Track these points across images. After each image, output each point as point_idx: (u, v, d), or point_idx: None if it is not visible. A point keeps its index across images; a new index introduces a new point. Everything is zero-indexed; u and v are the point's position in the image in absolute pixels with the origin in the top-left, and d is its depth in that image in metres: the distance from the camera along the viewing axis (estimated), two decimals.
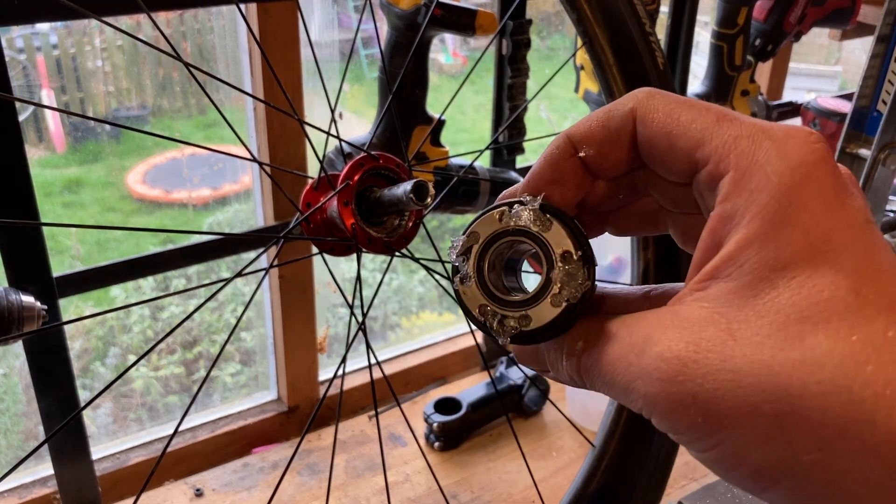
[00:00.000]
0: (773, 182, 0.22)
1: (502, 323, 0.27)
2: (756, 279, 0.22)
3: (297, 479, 1.04)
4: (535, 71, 1.06)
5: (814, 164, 0.22)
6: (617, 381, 0.25)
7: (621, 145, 0.27)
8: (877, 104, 0.91)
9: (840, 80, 2.87)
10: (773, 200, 0.22)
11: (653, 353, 0.23)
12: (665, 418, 0.23)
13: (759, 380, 0.21)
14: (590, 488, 0.59)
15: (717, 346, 0.22)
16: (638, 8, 0.61)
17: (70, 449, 0.92)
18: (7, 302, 0.72)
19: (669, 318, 0.24)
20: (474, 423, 1.12)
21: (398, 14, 0.85)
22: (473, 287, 0.28)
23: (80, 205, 2.07)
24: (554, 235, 0.26)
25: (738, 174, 0.23)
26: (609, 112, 0.27)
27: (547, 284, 0.26)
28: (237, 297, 1.70)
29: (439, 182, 0.92)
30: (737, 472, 0.23)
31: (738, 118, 0.24)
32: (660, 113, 0.25)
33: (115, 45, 1.81)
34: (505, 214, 0.27)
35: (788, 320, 0.21)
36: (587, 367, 0.26)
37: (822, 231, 0.22)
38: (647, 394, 0.23)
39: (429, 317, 1.86)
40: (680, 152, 0.25)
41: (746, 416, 0.21)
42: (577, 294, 0.26)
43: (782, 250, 0.22)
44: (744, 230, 0.23)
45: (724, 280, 0.23)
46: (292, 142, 1.03)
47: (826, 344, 0.21)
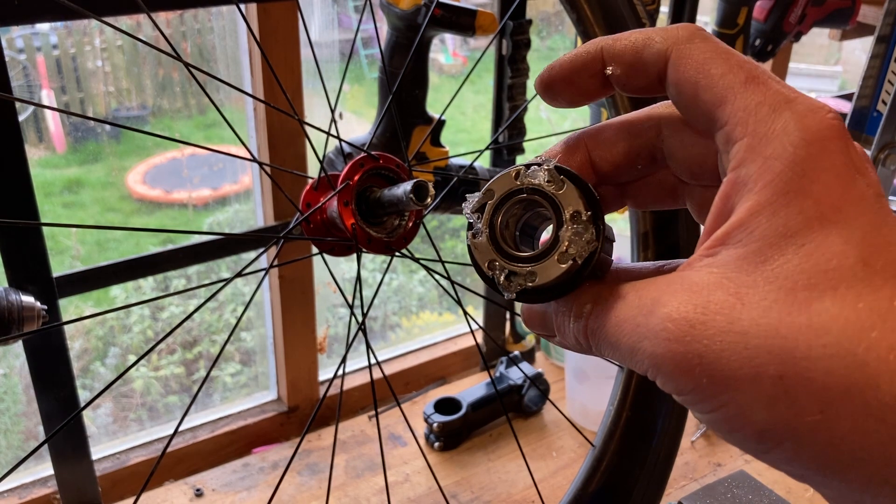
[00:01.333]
0: (788, 151, 0.23)
1: (510, 278, 0.27)
2: (765, 246, 0.23)
3: (297, 479, 1.04)
4: (535, 71, 1.06)
5: (830, 138, 0.23)
6: (623, 342, 0.25)
7: (647, 77, 0.27)
8: (877, 104, 0.91)
9: (840, 80, 2.87)
10: (787, 169, 0.22)
11: (661, 313, 0.24)
12: (671, 378, 0.23)
13: (765, 342, 0.22)
14: (590, 488, 0.60)
15: (724, 309, 0.22)
16: (638, 8, 0.61)
17: (70, 449, 0.92)
18: (7, 302, 0.72)
19: (678, 282, 0.24)
20: (474, 423, 1.12)
21: (398, 14, 0.85)
22: (484, 241, 0.28)
23: (80, 205, 2.07)
24: (566, 195, 0.27)
25: (753, 140, 0.23)
26: (647, 41, 0.27)
27: (555, 242, 0.27)
28: (237, 297, 1.70)
29: (439, 182, 0.92)
30: (740, 433, 0.23)
31: (765, 83, 0.24)
32: (692, 60, 0.25)
33: (115, 45, 1.81)
34: (521, 173, 0.28)
35: (796, 286, 0.22)
36: (594, 328, 0.26)
37: (833, 202, 0.22)
38: (653, 353, 0.24)
39: (429, 317, 1.86)
40: (703, 105, 0.25)
41: (752, 377, 0.22)
42: (584, 252, 0.26)
43: (793, 218, 0.22)
44: (755, 197, 0.23)
45: (734, 246, 0.23)
46: (292, 142, 1.03)
47: (833, 310, 0.21)
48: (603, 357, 0.27)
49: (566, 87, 0.29)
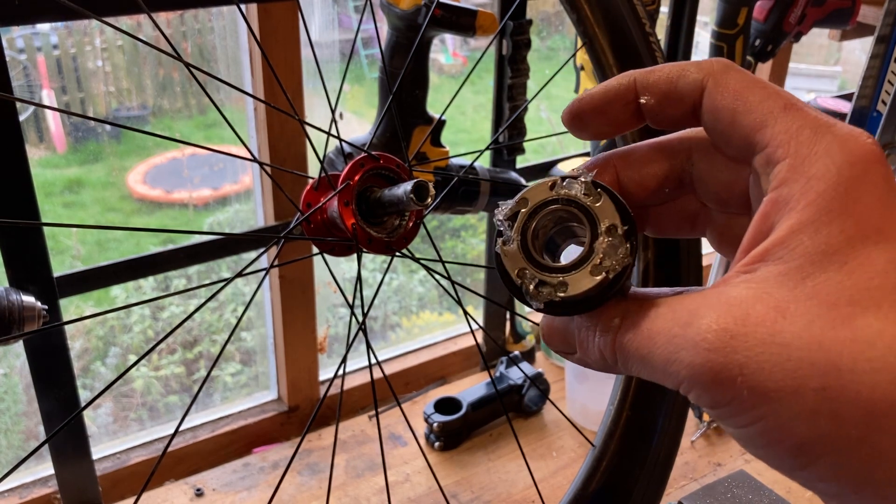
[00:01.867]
0: (831, 172, 0.23)
1: (539, 288, 0.27)
2: (806, 263, 0.23)
3: (298, 478, 1.05)
4: (535, 71, 1.06)
5: (872, 161, 0.23)
6: (657, 354, 0.25)
7: (682, 106, 0.28)
8: (877, 104, 0.91)
9: (840, 80, 2.87)
10: (830, 189, 0.23)
11: (699, 325, 0.23)
12: (709, 390, 0.23)
13: (808, 354, 0.22)
14: (590, 488, 0.60)
15: (766, 322, 0.22)
16: (638, 8, 0.61)
17: (70, 449, 0.92)
18: (8, 302, 0.72)
19: (716, 296, 0.24)
20: (474, 423, 1.12)
21: (398, 14, 0.85)
22: (515, 249, 0.28)
23: (80, 205, 2.07)
24: (602, 208, 0.27)
25: (796, 161, 0.24)
26: (682, 72, 0.28)
27: (589, 254, 0.27)
28: (237, 297, 1.70)
29: (439, 182, 0.92)
30: (779, 447, 0.23)
31: (804, 109, 0.25)
32: (730, 88, 0.26)
33: (115, 45, 1.81)
34: (557, 184, 0.28)
35: (839, 302, 0.22)
36: (623, 342, 0.26)
37: (874, 223, 0.22)
38: (692, 364, 0.23)
39: (429, 317, 1.86)
40: (742, 130, 0.25)
41: (794, 390, 0.22)
42: (618, 267, 0.26)
43: (835, 237, 0.22)
44: (798, 215, 0.23)
45: (774, 263, 0.23)
46: (292, 142, 1.03)
47: (877, 325, 0.21)
48: (629, 373, 0.27)
49: (596, 118, 0.29)
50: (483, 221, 1.91)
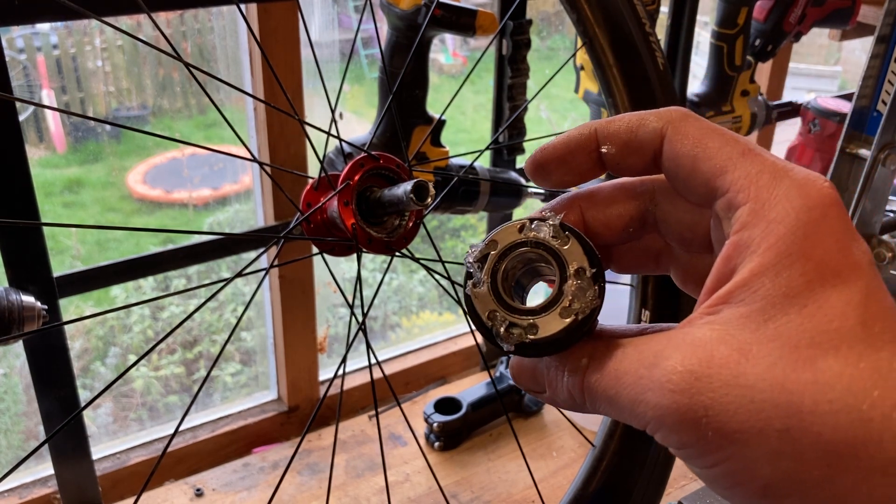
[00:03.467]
0: (790, 216, 0.24)
1: (509, 330, 0.27)
2: (768, 305, 0.23)
3: (298, 478, 1.04)
4: (535, 71, 1.06)
5: (829, 205, 0.24)
6: (623, 395, 0.25)
7: (642, 155, 0.28)
8: (877, 104, 0.91)
9: (840, 80, 2.87)
10: (789, 233, 0.23)
11: (665, 366, 0.24)
12: (674, 431, 0.24)
13: (771, 396, 0.22)
14: (590, 488, 0.60)
15: (729, 363, 0.23)
16: (638, 8, 0.61)
17: (70, 449, 0.92)
18: (7, 302, 0.72)
19: (680, 337, 0.24)
20: (474, 423, 1.12)
21: (398, 14, 0.85)
22: (485, 291, 0.28)
23: (80, 205, 2.07)
24: (570, 251, 0.27)
25: (756, 205, 0.24)
26: (641, 121, 0.28)
27: (558, 296, 0.27)
28: (237, 297, 1.70)
29: (439, 182, 0.92)
30: (744, 488, 0.23)
31: (761, 154, 0.25)
32: (689, 137, 0.27)
33: (115, 45, 1.81)
34: (525, 227, 0.28)
35: (800, 344, 0.22)
36: (591, 382, 0.26)
37: (833, 266, 0.23)
38: (657, 405, 0.24)
39: (429, 317, 1.86)
40: (702, 176, 0.26)
41: (758, 431, 0.22)
42: (587, 309, 0.27)
43: (795, 280, 0.23)
44: (759, 259, 0.24)
45: (737, 305, 0.24)
46: (292, 142, 1.03)
47: (836, 367, 0.22)
48: (597, 412, 0.27)
49: (559, 167, 0.30)
50: (483, 221, 1.91)
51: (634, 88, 0.61)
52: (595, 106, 1.09)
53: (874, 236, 0.94)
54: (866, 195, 0.90)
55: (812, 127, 1.25)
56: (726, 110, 1.18)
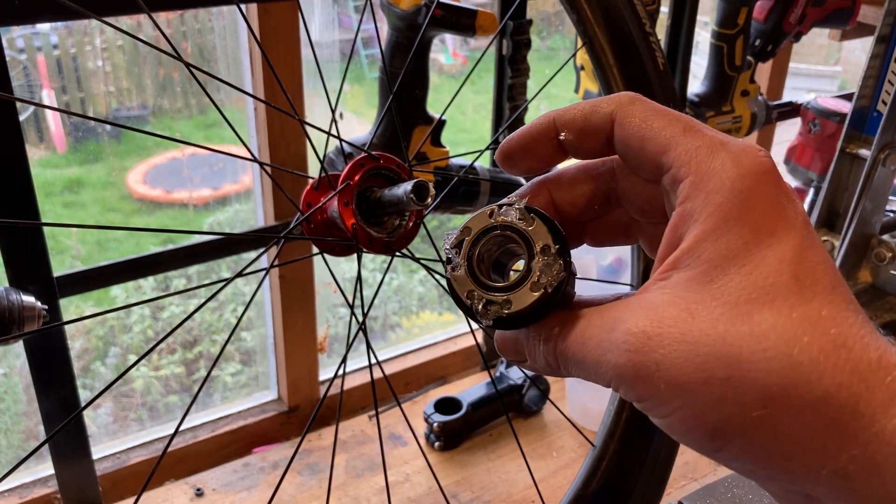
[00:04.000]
0: (726, 185, 0.26)
1: (487, 307, 0.30)
2: (711, 267, 0.26)
3: (298, 478, 1.05)
4: (535, 71, 1.06)
5: (762, 173, 0.26)
6: (589, 357, 0.28)
7: (597, 139, 0.30)
8: (877, 104, 0.91)
9: (840, 80, 2.87)
10: (726, 201, 0.26)
11: (621, 329, 0.26)
12: (632, 386, 0.26)
13: (714, 349, 0.24)
14: (590, 488, 0.60)
15: (677, 323, 0.25)
16: (638, 8, 0.61)
17: (70, 449, 0.92)
18: (8, 302, 0.72)
19: (636, 302, 0.27)
20: (474, 422, 1.12)
21: (398, 14, 0.85)
22: (463, 274, 0.31)
23: (80, 205, 2.07)
24: (536, 231, 0.30)
25: (696, 178, 0.27)
26: (594, 107, 0.30)
27: (528, 273, 0.30)
28: (237, 297, 1.70)
29: (439, 182, 0.92)
30: (695, 433, 0.25)
31: (701, 130, 0.28)
32: (636, 118, 0.29)
33: (115, 45, 1.81)
34: (495, 212, 0.31)
35: (739, 301, 0.25)
36: (562, 348, 0.29)
37: (768, 228, 0.25)
38: (616, 364, 0.26)
39: (429, 317, 1.86)
40: (649, 155, 0.28)
41: (703, 381, 0.24)
42: (554, 282, 0.29)
43: (733, 243, 0.25)
44: (701, 226, 0.26)
45: (684, 269, 0.26)
46: (293, 142, 1.03)
47: (771, 319, 0.24)
48: (570, 375, 0.30)
49: (524, 155, 0.32)
50: None
51: (634, 88, 0.61)
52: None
53: (874, 236, 0.94)
54: (866, 195, 0.90)
55: (812, 127, 1.25)
56: (726, 110, 1.18)
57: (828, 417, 0.23)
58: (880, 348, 0.24)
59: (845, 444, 0.23)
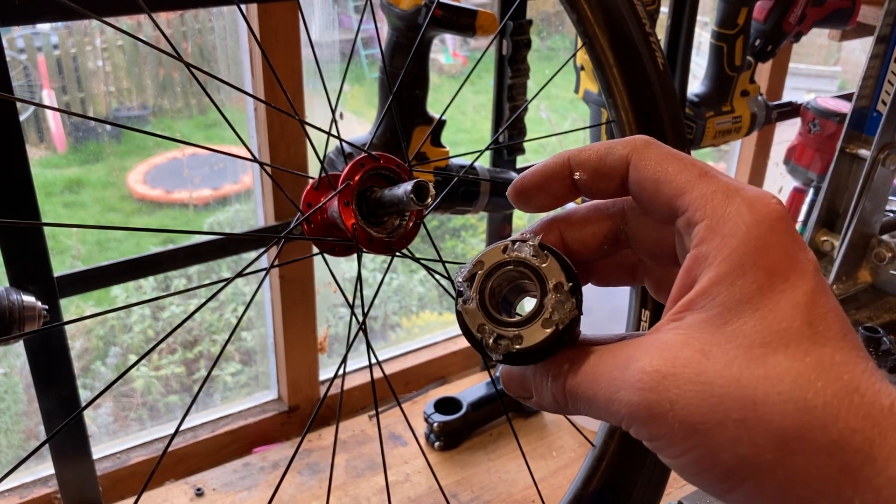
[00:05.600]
0: (742, 230, 0.26)
1: (497, 342, 0.30)
2: (725, 310, 0.26)
3: (298, 478, 1.05)
4: (535, 71, 1.06)
5: (776, 219, 0.27)
6: (600, 395, 0.28)
7: (611, 180, 0.31)
8: (876, 104, 0.91)
9: (840, 80, 2.87)
10: (741, 245, 0.26)
11: (635, 367, 0.27)
12: (645, 425, 0.26)
13: (728, 391, 0.25)
14: (590, 488, 0.60)
15: (692, 363, 0.26)
16: (638, 8, 0.61)
17: (71, 449, 0.92)
18: (8, 302, 0.72)
19: (649, 342, 0.27)
20: (474, 422, 1.12)
21: (399, 14, 0.85)
22: (474, 307, 0.31)
23: (80, 205, 2.07)
24: (549, 268, 0.30)
25: (712, 222, 0.27)
26: (609, 149, 0.31)
27: (540, 309, 0.30)
28: (238, 297, 1.70)
29: (440, 182, 0.93)
30: (708, 474, 0.26)
31: (717, 176, 0.28)
32: (652, 161, 0.29)
33: (115, 45, 1.81)
34: (508, 248, 0.31)
35: (753, 344, 0.25)
36: (572, 385, 0.29)
37: (781, 273, 0.26)
38: (629, 402, 0.26)
39: (429, 317, 1.86)
40: (664, 197, 0.29)
41: (718, 422, 0.25)
42: (566, 319, 0.29)
43: (748, 287, 0.26)
44: (715, 269, 0.27)
45: (698, 311, 0.27)
46: (293, 142, 1.03)
47: (785, 363, 0.25)
48: (578, 413, 0.30)
49: (538, 193, 0.33)
50: (483, 221, 1.91)
51: (634, 88, 0.61)
52: (595, 106, 1.09)
53: (874, 236, 0.94)
54: (866, 195, 0.90)
55: (812, 127, 1.25)
56: (726, 110, 1.18)
57: (842, 461, 0.24)
58: (891, 395, 0.24)
59: (859, 488, 0.23)
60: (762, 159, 1.60)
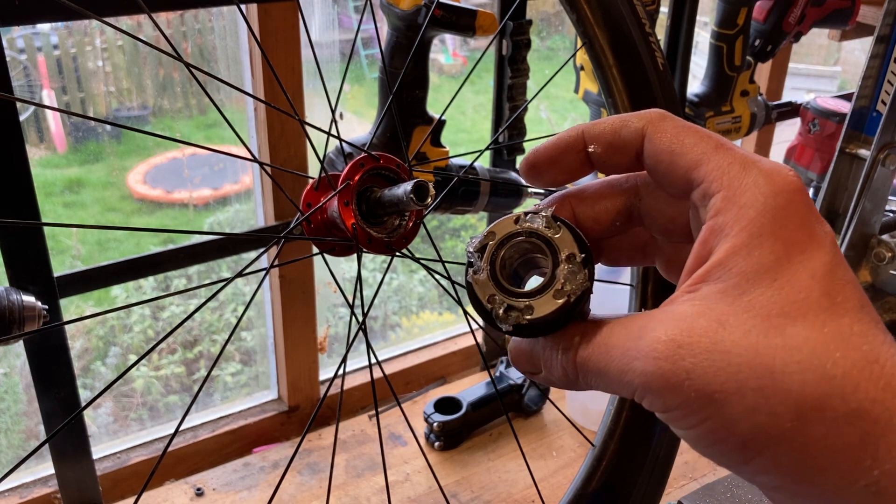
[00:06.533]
0: (759, 201, 0.26)
1: (507, 312, 0.30)
2: (742, 280, 0.26)
3: (298, 478, 1.05)
4: (535, 71, 1.06)
5: (794, 191, 0.27)
6: (613, 366, 0.27)
7: (626, 153, 0.31)
8: (876, 104, 0.91)
9: (840, 80, 2.87)
10: (759, 216, 0.26)
11: (650, 337, 0.26)
12: (659, 395, 0.26)
13: (746, 360, 0.24)
14: (589, 488, 0.60)
15: (708, 333, 0.25)
16: (638, 8, 0.61)
17: (71, 448, 0.92)
18: (8, 302, 0.72)
19: (662, 313, 0.27)
20: (474, 422, 1.12)
21: (398, 14, 0.85)
22: (485, 278, 0.30)
23: (80, 205, 2.07)
24: (562, 239, 0.30)
25: (729, 193, 0.27)
26: (623, 122, 0.31)
27: (552, 280, 0.29)
28: (238, 297, 1.70)
29: (439, 182, 0.93)
30: (724, 445, 0.25)
31: (733, 148, 0.28)
32: (668, 134, 0.29)
33: (115, 45, 1.81)
34: (521, 219, 0.31)
35: (771, 314, 0.25)
36: (583, 357, 0.29)
37: (799, 244, 0.26)
38: (644, 372, 0.26)
39: (429, 316, 1.87)
40: (679, 170, 0.29)
41: (735, 391, 0.24)
42: (578, 290, 0.29)
43: (766, 257, 0.26)
44: (733, 240, 0.26)
45: (714, 282, 0.26)
46: (293, 142, 1.03)
47: (803, 333, 0.25)
48: (589, 387, 0.29)
49: (551, 167, 0.32)
50: (483, 221, 1.91)
51: (634, 88, 0.61)
52: (595, 106, 1.09)
53: (874, 236, 0.94)
54: (866, 195, 0.90)
55: (812, 127, 1.25)
56: (726, 110, 1.18)
57: (862, 431, 0.23)
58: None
59: (879, 458, 0.23)
60: None
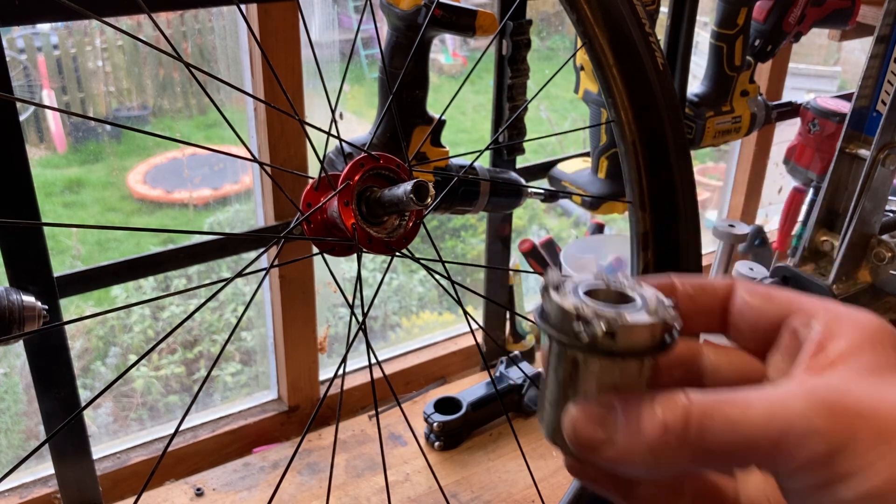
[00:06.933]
0: (862, 323, 0.28)
1: (596, 319, 0.27)
2: (876, 367, 0.27)
3: (298, 478, 1.05)
4: (535, 71, 1.06)
5: (888, 329, 0.28)
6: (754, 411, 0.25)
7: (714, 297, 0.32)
8: (876, 104, 0.91)
9: (840, 80, 2.87)
10: (868, 333, 0.28)
11: (799, 386, 0.26)
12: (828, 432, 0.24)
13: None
14: None
15: (867, 390, 0.26)
16: (638, 8, 0.61)
17: (71, 448, 0.92)
18: (8, 302, 0.72)
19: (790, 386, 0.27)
20: (474, 422, 1.12)
21: (398, 14, 0.85)
22: (570, 295, 0.29)
23: (80, 205, 2.07)
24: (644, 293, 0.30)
25: (832, 316, 0.29)
26: (707, 279, 0.33)
27: (643, 304, 0.28)
28: (237, 297, 1.70)
29: (439, 182, 0.93)
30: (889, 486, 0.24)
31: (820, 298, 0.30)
32: (758, 286, 0.32)
33: (115, 45, 1.81)
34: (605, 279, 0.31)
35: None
36: (703, 404, 0.25)
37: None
38: (804, 413, 0.24)
39: (429, 316, 1.87)
40: (772, 312, 0.31)
41: None
42: (671, 320, 0.28)
43: (882, 360, 0.27)
44: (854, 341, 0.28)
45: (843, 368, 0.27)
46: (293, 142, 1.03)
47: None
48: (695, 457, 0.25)
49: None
50: (483, 221, 1.91)
51: (634, 88, 0.61)
52: (595, 106, 1.09)
53: (874, 236, 0.94)
54: (866, 195, 0.90)
55: (812, 127, 1.25)
56: (726, 110, 1.18)
57: None
58: None
59: None
60: (762, 159, 1.60)
